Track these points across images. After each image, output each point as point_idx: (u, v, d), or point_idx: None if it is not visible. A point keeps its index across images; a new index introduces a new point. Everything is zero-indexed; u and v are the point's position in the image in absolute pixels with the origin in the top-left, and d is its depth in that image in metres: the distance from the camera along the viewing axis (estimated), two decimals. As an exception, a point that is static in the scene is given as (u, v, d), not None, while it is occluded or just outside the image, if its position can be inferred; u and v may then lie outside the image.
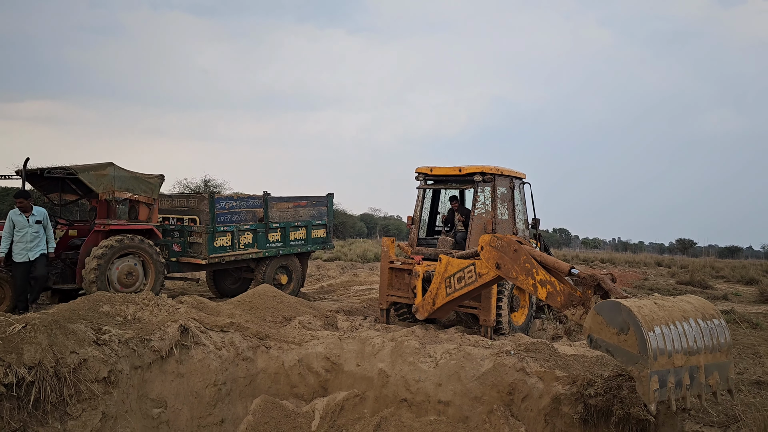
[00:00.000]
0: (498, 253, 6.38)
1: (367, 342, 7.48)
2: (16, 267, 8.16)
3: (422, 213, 10.03)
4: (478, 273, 6.91)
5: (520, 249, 6.17)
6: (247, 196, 11.27)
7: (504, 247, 6.31)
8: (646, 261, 30.84)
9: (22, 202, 8.18)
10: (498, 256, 6.39)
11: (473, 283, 7.00)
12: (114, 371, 5.74)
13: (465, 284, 7.11)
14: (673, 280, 20.90)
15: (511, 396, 6.27)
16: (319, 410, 6.78)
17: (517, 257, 6.15)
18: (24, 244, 8.14)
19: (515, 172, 9.68)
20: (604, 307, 4.66)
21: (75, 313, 6.60)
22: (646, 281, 20.60)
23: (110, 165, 9.43)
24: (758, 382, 6.00)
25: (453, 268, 7.31)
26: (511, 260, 6.22)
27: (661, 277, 22.70)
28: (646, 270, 25.94)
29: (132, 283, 9.28)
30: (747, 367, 6.80)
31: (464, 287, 7.13)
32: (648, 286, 18.25)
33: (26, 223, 8.15)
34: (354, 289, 15.03)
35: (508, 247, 6.27)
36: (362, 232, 53.61)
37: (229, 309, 8.19)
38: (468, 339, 7.64)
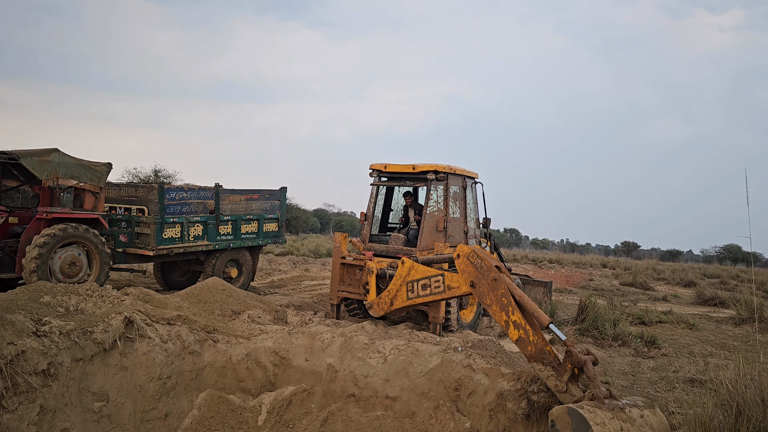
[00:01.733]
0: (476, 271, 6.04)
1: (316, 337, 7.47)
2: None
3: (375, 209, 10.06)
4: (447, 285, 6.63)
5: (499, 279, 5.80)
6: (198, 187, 11.08)
7: (482, 269, 5.98)
8: (592, 262, 31.72)
9: None
10: (475, 274, 6.05)
11: (440, 293, 6.73)
12: (54, 363, 5.57)
13: (431, 293, 6.91)
14: (617, 281, 21.59)
15: (458, 392, 6.37)
16: (266, 405, 6.74)
17: (495, 287, 5.81)
18: None
19: (468, 172, 9.81)
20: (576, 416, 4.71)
21: (13, 303, 6.37)
22: (592, 281, 21.22)
23: (55, 151, 9.12)
24: (692, 379, 6.27)
25: (417, 274, 7.12)
26: (488, 286, 5.90)
27: (606, 278, 23.40)
28: (592, 271, 26.71)
29: (75, 274, 9.02)
30: (682, 365, 7.09)
31: (429, 295, 6.92)
32: (593, 287, 18.81)
33: None
34: (305, 284, 14.96)
35: (488, 272, 5.92)
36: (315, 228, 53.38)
37: (177, 302, 8.05)
38: (417, 335, 7.71)
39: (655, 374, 6.58)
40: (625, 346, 8.19)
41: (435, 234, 9.01)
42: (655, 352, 7.79)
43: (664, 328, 10.02)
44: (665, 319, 10.57)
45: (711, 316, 11.79)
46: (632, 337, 8.42)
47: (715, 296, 15.27)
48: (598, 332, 8.70)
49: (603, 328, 8.75)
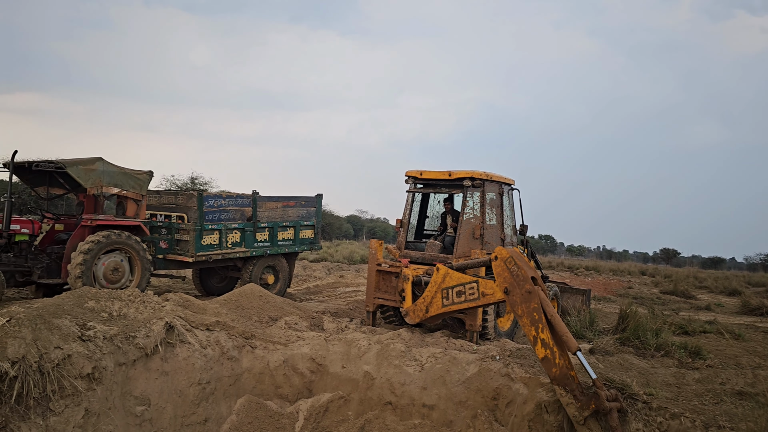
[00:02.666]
0: (511, 278, 5.96)
1: (352, 344, 7.48)
2: None
3: (411, 216, 10.05)
4: (481, 292, 6.61)
5: (533, 292, 5.70)
6: (236, 194, 11.24)
7: (518, 278, 5.89)
8: (630, 270, 31.05)
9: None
10: (510, 281, 5.97)
11: (475, 300, 6.74)
12: (98, 368, 5.70)
13: (465, 300, 6.89)
14: (656, 290, 21.10)
15: (496, 401, 6.30)
16: (304, 411, 6.77)
17: (528, 299, 5.72)
18: None
19: (504, 178, 9.73)
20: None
21: (60, 308, 6.54)
22: (630, 290, 20.78)
23: (99, 160, 9.36)
24: (740, 392, 6.08)
25: (452, 281, 7.11)
26: (521, 297, 5.83)
27: (645, 286, 22.89)
28: (630, 279, 26.16)
29: (118, 279, 9.22)
30: (729, 377, 6.88)
31: (464, 302, 6.91)
32: (632, 295, 18.42)
33: None
34: (340, 290, 15.01)
35: (523, 282, 5.83)
36: (349, 234, 53.58)
37: (215, 308, 8.16)
38: (454, 343, 7.66)
39: (701, 386, 6.39)
40: (668, 357, 7.98)
41: (471, 241, 8.95)
42: (700, 364, 7.57)
43: (708, 338, 9.74)
44: (709, 329, 10.27)
45: (758, 326, 11.42)
46: (675, 348, 8.20)
47: (762, 305, 14.79)
48: (639, 342, 8.51)
49: (645, 338, 8.55)
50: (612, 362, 7.38)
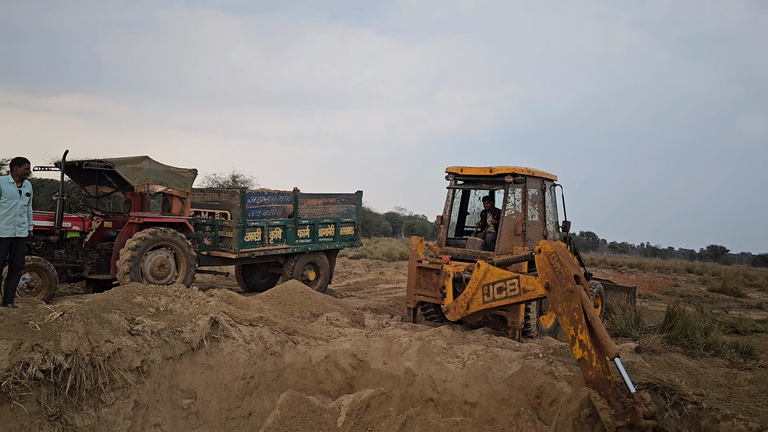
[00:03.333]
0: (553, 274, 5.86)
1: (394, 340, 7.50)
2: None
3: (451, 213, 10.00)
4: (522, 288, 6.55)
5: (575, 292, 5.60)
6: (277, 192, 11.37)
7: (560, 275, 5.78)
8: (676, 267, 30.25)
9: (28, 168, 7.11)
10: (552, 277, 5.87)
11: (516, 297, 6.68)
12: (146, 361, 5.85)
13: (506, 296, 6.83)
14: (704, 288, 20.52)
15: (539, 399, 6.23)
16: (345, 407, 6.82)
17: (569, 298, 5.63)
18: (12, 217, 6.88)
19: (547, 174, 9.59)
20: None
21: (110, 303, 6.74)
22: (677, 288, 20.26)
23: (146, 158, 9.59)
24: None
25: (492, 277, 7.07)
26: (562, 295, 5.73)
27: (692, 284, 22.29)
28: (676, 276, 25.51)
29: (164, 275, 9.43)
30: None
31: (505, 299, 6.85)
32: (678, 293, 17.95)
33: (17, 194, 6.98)
34: (380, 287, 15.05)
35: (565, 281, 5.72)
36: (387, 231, 53.67)
37: (258, 303, 8.28)
38: (495, 341, 7.60)
39: (754, 387, 6.19)
40: (718, 357, 7.75)
41: (513, 238, 8.85)
42: (752, 364, 7.32)
43: (760, 337, 9.43)
44: (762, 329, 9.94)
45: (813, 326, 10.99)
46: (726, 347, 7.95)
47: (817, 304, 14.23)
48: (687, 341, 8.28)
49: (693, 337, 8.31)
50: (659, 361, 7.21)
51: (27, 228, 7.07)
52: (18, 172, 6.96)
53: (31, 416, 4.84)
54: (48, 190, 27.61)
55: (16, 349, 4.93)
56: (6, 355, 4.84)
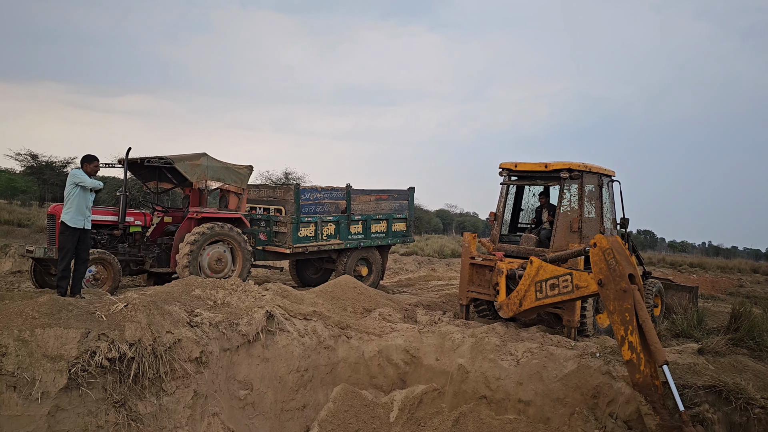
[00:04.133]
0: (607, 271, 5.69)
1: (446, 337, 7.47)
2: (70, 233, 7.17)
3: (505, 209, 9.88)
4: (575, 284, 6.40)
5: (629, 291, 5.44)
6: (330, 188, 11.48)
7: (615, 272, 5.60)
8: (740, 267, 29.08)
9: (98, 165, 7.46)
10: (605, 274, 5.70)
11: (568, 293, 6.53)
12: (205, 352, 6.01)
13: (559, 293, 6.72)
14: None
15: (596, 399, 6.09)
16: (398, 402, 6.83)
17: (622, 297, 5.48)
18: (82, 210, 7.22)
19: (604, 170, 9.36)
20: None
21: (170, 296, 6.95)
22: (741, 288, 19.48)
23: (204, 155, 9.84)
24: None
25: (545, 274, 6.96)
26: (614, 293, 5.58)
27: (758, 284, 21.40)
28: (741, 277, 24.53)
29: (221, 269, 9.67)
30: None
31: (557, 295, 6.74)
32: (743, 294, 17.24)
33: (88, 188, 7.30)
34: (432, 283, 15.02)
35: (619, 279, 5.55)
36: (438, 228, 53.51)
37: (312, 298, 8.38)
38: (550, 339, 7.48)
39: (826, 392, 5.88)
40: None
41: (569, 235, 8.68)
42: (824, 368, 6.97)
43: (833, 341, 8.95)
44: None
45: None
46: (795, 350, 7.60)
47: None
48: (754, 343, 7.94)
49: (761, 339, 7.97)
50: (724, 363, 6.94)
51: (90, 221, 7.45)
52: (88, 170, 7.33)
53: (98, 402, 5.04)
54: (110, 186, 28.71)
55: (84, 338, 5.14)
56: (75, 344, 5.06)
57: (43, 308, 5.39)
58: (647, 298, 9.87)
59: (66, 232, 7.20)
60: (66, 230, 7.20)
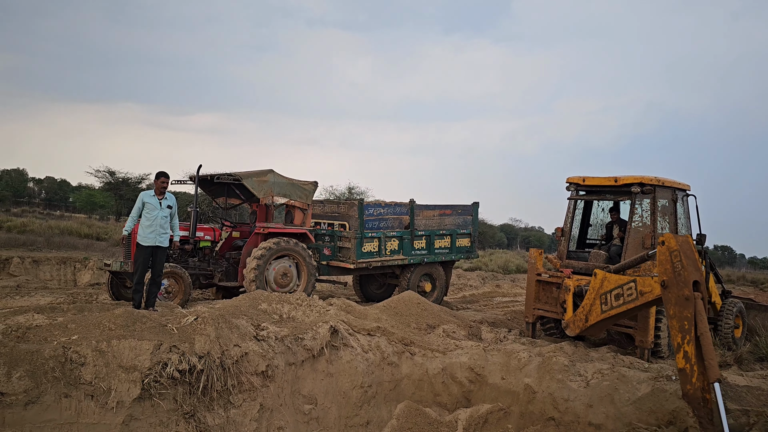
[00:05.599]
0: (672, 273, 5.50)
1: (512, 355, 7.30)
2: (141, 250, 7.50)
3: (572, 225, 9.62)
4: (639, 291, 6.29)
5: (690, 300, 5.28)
6: (393, 203, 11.50)
7: (679, 277, 5.43)
8: (831, 285, 27.23)
9: (165, 182, 7.66)
10: (669, 276, 5.53)
11: (633, 301, 6.42)
12: (271, 366, 6.09)
13: (623, 302, 6.58)
14: None
15: (673, 426, 5.79)
16: (462, 421, 6.70)
17: (683, 305, 5.32)
18: (154, 228, 7.46)
19: (678, 183, 8.98)
20: None
21: (238, 309, 7.10)
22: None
23: (270, 172, 10.07)
24: None
25: (610, 285, 6.80)
26: (675, 298, 5.42)
27: None
28: (832, 296, 22.94)
29: (287, 284, 9.82)
30: None
31: (622, 305, 6.60)
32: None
33: (158, 206, 7.51)
34: (497, 300, 14.77)
35: (683, 285, 5.38)
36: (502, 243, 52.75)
37: (376, 313, 8.38)
38: (622, 360, 7.18)
39: None
40: None
41: (640, 251, 8.35)
42: None
43: None
44: None
45: None
46: None
47: None
48: None
49: None
50: (813, 391, 6.48)
51: (167, 238, 7.65)
52: (156, 186, 7.61)
53: (169, 413, 5.19)
54: (182, 202, 29.80)
55: (156, 350, 5.31)
56: (148, 355, 5.23)
57: (118, 320, 5.61)
58: (727, 318, 9.37)
59: (137, 249, 7.54)
60: (137, 247, 7.55)
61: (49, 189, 57.61)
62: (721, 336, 9.26)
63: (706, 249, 9.49)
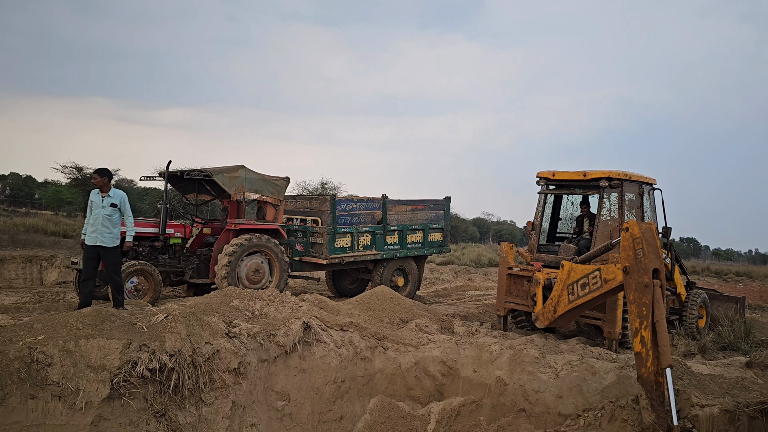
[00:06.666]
0: (634, 260, 5.67)
1: (484, 348, 7.38)
2: (85, 249, 7.37)
3: (543, 219, 9.75)
4: (603, 279, 6.46)
5: (649, 287, 5.46)
6: (366, 198, 11.51)
7: (640, 264, 5.59)
8: (790, 275, 28.07)
9: (96, 179, 7.33)
10: (631, 263, 5.70)
11: (598, 289, 6.60)
12: (243, 363, 6.06)
13: (589, 291, 6.75)
14: (824, 299, 18.89)
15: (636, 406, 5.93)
16: (435, 414, 6.77)
17: (642, 292, 5.50)
18: (96, 227, 7.22)
19: (645, 178, 9.16)
20: None
21: (209, 306, 7.04)
22: (792, 298, 18.75)
23: (241, 167, 9.99)
24: None
25: (576, 275, 6.96)
26: (635, 284, 5.59)
27: (811, 294, 20.59)
28: (792, 286, 23.65)
29: (259, 280, 9.77)
30: None
31: (588, 294, 6.77)
32: (794, 304, 16.61)
33: (100, 203, 7.24)
34: (469, 294, 14.89)
35: (643, 273, 5.54)
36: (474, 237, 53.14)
37: (349, 309, 8.40)
38: (591, 351, 7.32)
39: None
40: (842, 374, 7.10)
41: (609, 244, 8.51)
42: None
43: None
44: None
45: None
46: None
47: None
48: (808, 356, 7.64)
49: (812, 352, 7.66)
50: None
51: (112, 238, 7.32)
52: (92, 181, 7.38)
53: (139, 412, 5.13)
54: (152, 198, 29.39)
55: (126, 349, 5.24)
56: (117, 354, 5.16)
57: (86, 319, 5.52)
58: (692, 309, 9.61)
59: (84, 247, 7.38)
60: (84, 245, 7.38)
61: (13, 185, 56.18)
62: (685, 326, 9.49)
63: (671, 241, 9.70)
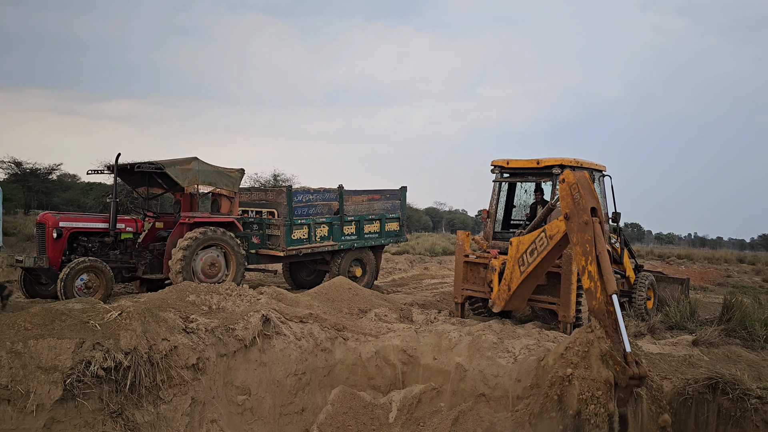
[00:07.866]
0: (572, 204, 5.93)
1: (443, 336, 7.46)
2: None
3: (498, 207, 9.89)
4: (548, 236, 6.73)
5: (590, 224, 5.72)
6: (323, 189, 11.44)
7: (578, 206, 5.85)
8: (726, 257, 29.34)
9: None
10: (570, 207, 5.95)
11: (545, 248, 6.83)
12: (202, 358, 5.96)
13: (538, 253, 6.98)
14: (758, 278, 19.84)
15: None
16: (397, 402, 6.82)
17: (584, 230, 5.75)
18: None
19: (596, 165, 9.39)
20: None
21: (164, 302, 6.88)
22: (729, 278, 19.63)
23: (194, 159, 9.77)
24: None
25: (524, 245, 7.19)
26: (577, 225, 5.83)
27: (745, 274, 21.59)
28: (728, 267, 24.74)
29: (215, 274, 9.60)
30: None
31: (537, 257, 6.99)
32: (732, 284, 17.38)
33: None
34: (426, 282, 15.02)
35: (581, 212, 5.81)
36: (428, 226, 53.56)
37: (307, 300, 8.35)
38: (546, 335, 7.49)
39: (821, 380, 5.93)
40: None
41: (562, 230, 8.70)
42: (817, 356, 7.04)
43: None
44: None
45: None
46: (788, 339, 7.67)
47: None
48: (746, 333, 8.02)
49: (752, 329, 8.06)
50: (718, 354, 7.00)
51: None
52: None
53: (95, 413, 4.99)
54: (98, 193, 28.45)
55: (79, 348, 5.08)
56: (69, 354, 5.00)
57: (35, 319, 5.32)
58: (640, 291, 9.92)
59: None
60: None
61: (-52, 182, 53.64)
62: (635, 308, 9.80)
63: (620, 226, 9.99)
